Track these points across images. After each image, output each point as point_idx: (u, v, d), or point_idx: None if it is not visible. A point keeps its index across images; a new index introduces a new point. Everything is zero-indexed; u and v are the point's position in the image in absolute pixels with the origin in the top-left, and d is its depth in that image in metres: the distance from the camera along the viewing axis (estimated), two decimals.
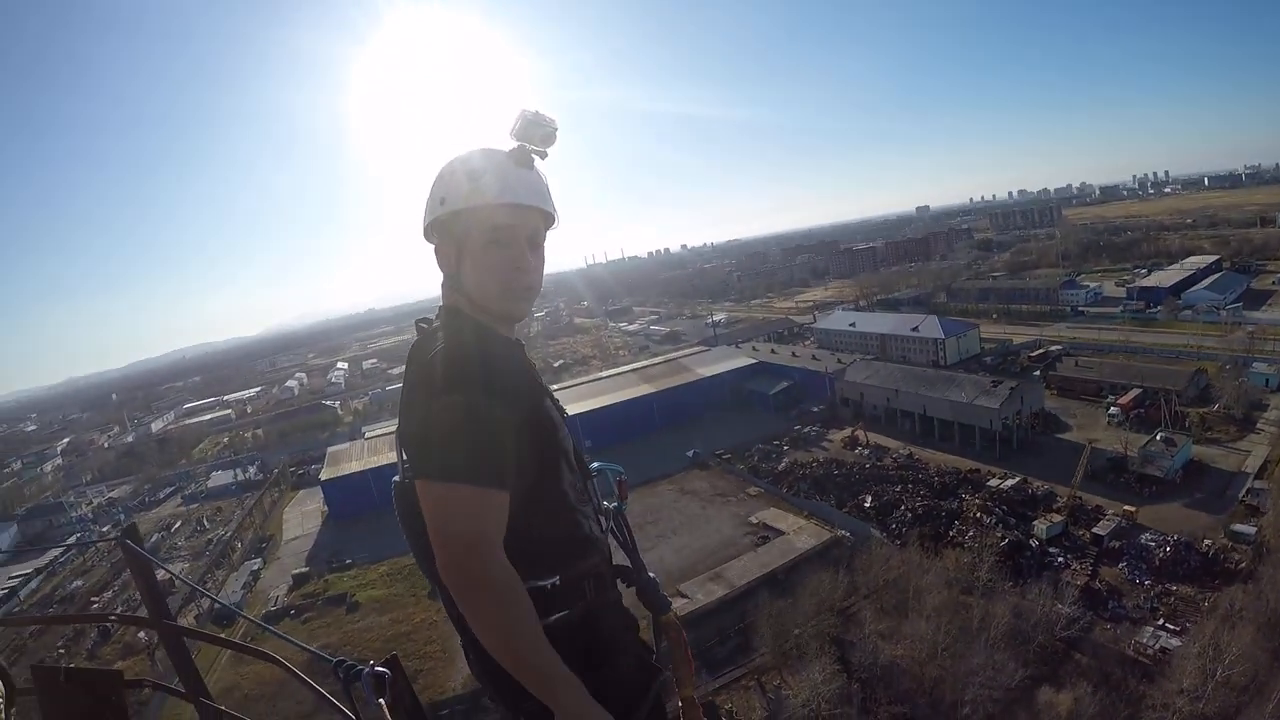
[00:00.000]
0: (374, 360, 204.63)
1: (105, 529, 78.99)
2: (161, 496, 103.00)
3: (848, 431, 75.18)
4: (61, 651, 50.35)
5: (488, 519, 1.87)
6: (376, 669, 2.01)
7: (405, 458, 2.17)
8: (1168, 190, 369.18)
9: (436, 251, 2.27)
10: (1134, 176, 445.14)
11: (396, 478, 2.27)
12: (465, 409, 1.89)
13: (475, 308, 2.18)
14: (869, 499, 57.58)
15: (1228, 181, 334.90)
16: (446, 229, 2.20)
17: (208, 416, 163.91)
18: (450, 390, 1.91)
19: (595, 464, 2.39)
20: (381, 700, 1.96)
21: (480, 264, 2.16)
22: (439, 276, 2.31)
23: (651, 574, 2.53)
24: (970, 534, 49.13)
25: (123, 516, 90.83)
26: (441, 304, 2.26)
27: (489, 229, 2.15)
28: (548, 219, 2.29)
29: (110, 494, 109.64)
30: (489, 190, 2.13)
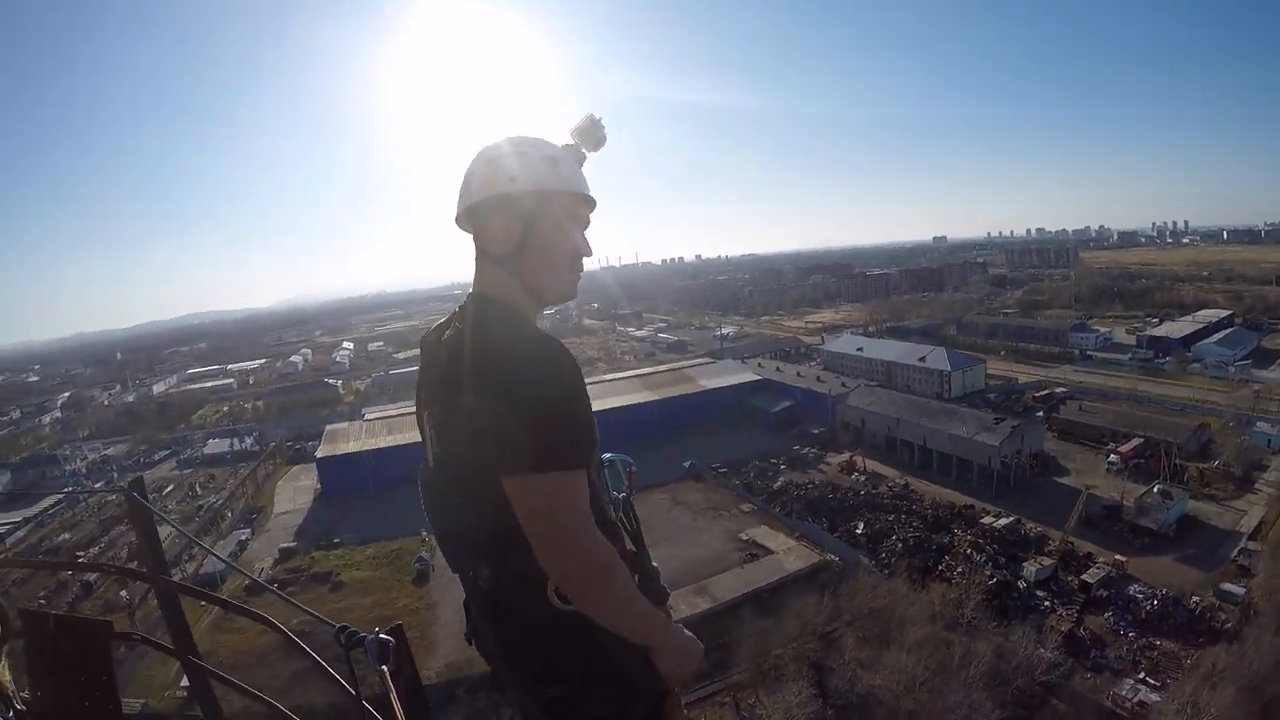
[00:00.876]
0: (380, 343, 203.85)
1: (98, 485, 78.99)
2: (157, 459, 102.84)
3: (846, 456, 74.90)
4: (43, 602, 50.33)
5: (585, 499, 2.02)
6: (381, 636, 2.03)
7: (448, 449, 2.18)
8: (1186, 241, 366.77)
9: (488, 229, 2.26)
10: (1153, 224, 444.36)
11: (427, 464, 2.30)
12: (549, 398, 1.96)
13: (522, 292, 2.23)
14: (861, 525, 57.29)
15: (1247, 236, 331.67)
16: (511, 207, 2.21)
17: (210, 384, 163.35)
18: (527, 381, 1.94)
19: (607, 455, 2.47)
20: (384, 667, 1.98)
21: (552, 245, 2.23)
22: (453, 265, 2.31)
23: (654, 563, 2.64)
24: (959, 570, 48.79)
25: (116, 474, 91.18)
26: (473, 291, 2.28)
27: (566, 214, 2.26)
28: (591, 211, 2.41)
29: (106, 451, 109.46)
30: (569, 177, 2.27)
